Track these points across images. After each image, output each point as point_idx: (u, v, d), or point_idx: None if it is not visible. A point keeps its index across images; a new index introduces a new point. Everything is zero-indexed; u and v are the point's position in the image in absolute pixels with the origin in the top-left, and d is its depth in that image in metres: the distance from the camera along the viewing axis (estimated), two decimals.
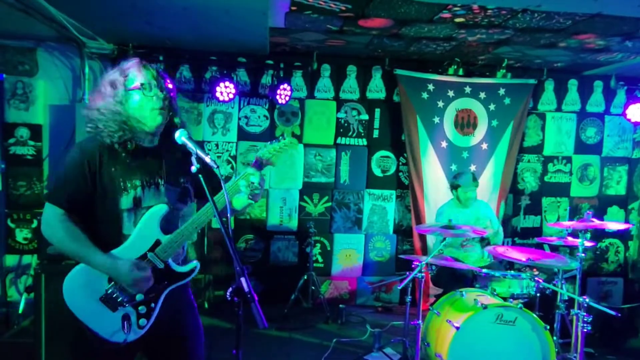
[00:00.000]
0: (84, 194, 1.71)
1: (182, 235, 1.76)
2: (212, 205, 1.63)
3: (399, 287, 3.18)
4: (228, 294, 1.47)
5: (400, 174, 5.21)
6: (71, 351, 1.83)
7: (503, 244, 4.28)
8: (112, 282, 1.72)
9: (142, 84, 1.73)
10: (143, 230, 1.74)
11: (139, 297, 1.74)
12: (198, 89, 4.84)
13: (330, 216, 5.13)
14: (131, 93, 1.73)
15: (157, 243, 1.75)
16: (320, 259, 5.12)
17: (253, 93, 4.95)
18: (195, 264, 1.84)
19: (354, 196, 5.15)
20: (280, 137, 1.82)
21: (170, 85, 1.83)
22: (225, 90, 4.51)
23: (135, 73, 1.74)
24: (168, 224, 1.79)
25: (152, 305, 1.76)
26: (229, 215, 1.59)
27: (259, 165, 1.79)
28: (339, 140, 5.09)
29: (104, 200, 1.72)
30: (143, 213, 1.74)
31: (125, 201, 1.72)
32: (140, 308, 1.74)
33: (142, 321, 1.75)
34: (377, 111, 5.13)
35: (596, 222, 3.14)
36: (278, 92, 4.62)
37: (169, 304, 1.79)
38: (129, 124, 1.74)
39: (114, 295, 1.71)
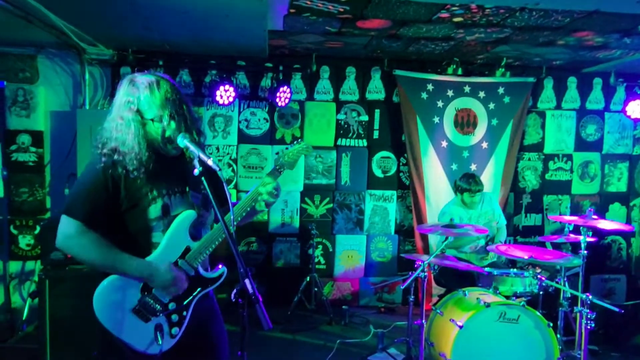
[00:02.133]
0: (107, 207, 1.67)
1: (210, 241, 1.77)
2: (238, 207, 1.74)
3: (402, 287, 3.19)
4: (232, 295, 1.48)
5: (401, 174, 5.22)
6: None
7: (505, 242, 4.29)
8: (145, 292, 1.70)
9: (153, 117, 1.70)
10: (173, 238, 1.74)
11: (172, 305, 1.73)
12: (198, 93, 4.86)
13: (332, 217, 5.13)
14: (146, 121, 1.71)
15: (187, 250, 1.75)
16: (322, 261, 5.12)
17: (253, 96, 4.96)
18: (223, 269, 1.85)
19: (355, 197, 5.16)
20: (295, 142, 1.90)
21: (186, 100, 1.78)
22: (225, 93, 4.52)
23: (147, 101, 1.70)
24: (195, 231, 1.80)
25: (184, 313, 1.75)
26: (232, 218, 1.60)
27: (278, 172, 1.86)
28: (339, 142, 5.10)
29: (132, 212, 1.70)
30: (171, 221, 1.73)
31: (154, 210, 1.71)
32: (172, 317, 1.73)
33: (175, 330, 1.74)
34: (377, 112, 5.14)
35: (597, 220, 3.13)
36: (278, 94, 4.63)
37: (196, 312, 1.79)
38: (147, 148, 1.70)
39: (148, 305, 1.69)
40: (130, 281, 1.70)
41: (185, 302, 1.75)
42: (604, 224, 3.14)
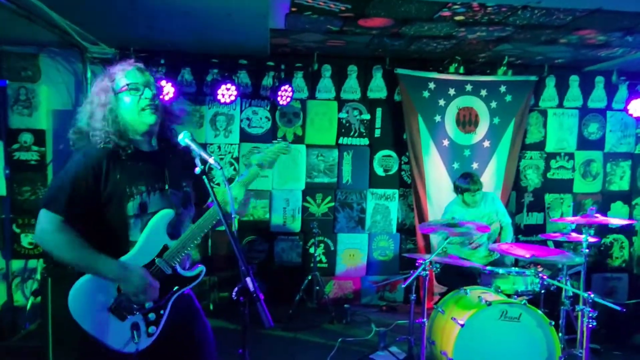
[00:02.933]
0: (86, 201, 1.66)
1: (188, 240, 1.76)
2: (216, 207, 1.64)
3: (403, 286, 3.19)
4: (234, 293, 1.48)
5: (403, 172, 5.22)
6: None
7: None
8: (121, 290, 1.69)
9: (128, 84, 1.75)
10: (151, 236, 1.73)
11: (148, 304, 1.72)
12: (200, 92, 4.87)
13: (334, 216, 5.14)
14: (120, 96, 1.75)
15: (165, 248, 1.75)
16: (324, 259, 5.13)
17: (254, 95, 4.97)
18: (201, 267, 1.84)
19: (356, 196, 5.16)
20: (274, 142, 1.95)
21: (161, 85, 1.86)
22: (226, 92, 4.53)
23: (121, 75, 1.76)
24: (173, 229, 1.78)
25: (162, 312, 1.75)
26: (232, 216, 1.61)
27: (258, 170, 1.90)
28: (340, 141, 5.10)
29: (110, 207, 1.70)
30: (149, 219, 1.73)
31: (132, 207, 1.71)
32: (149, 315, 1.73)
33: (152, 329, 1.73)
34: (379, 111, 5.14)
35: (600, 217, 3.13)
36: (279, 93, 4.64)
37: (175, 310, 1.78)
38: (124, 127, 1.74)
39: (124, 303, 1.68)
40: (106, 280, 1.68)
41: (162, 301, 1.74)
42: (607, 220, 3.13)
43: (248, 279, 1.46)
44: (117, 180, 1.70)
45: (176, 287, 1.77)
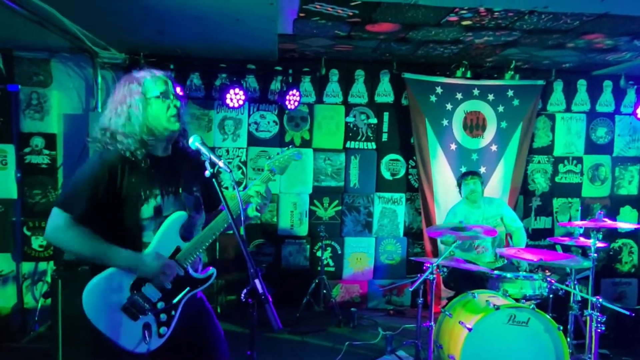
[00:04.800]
0: (101, 203, 1.69)
1: (201, 242, 1.80)
2: (227, 210, 1.66)
3: (411, 289, 3.19)
4: (243, 295, 1.49)
5: (410, 176, 5.22)
6: None
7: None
8: (134, 290, 1.72)
9: (161, 92, 1.78)
10: (164, 238, 1.77)
11: (160, 305, 1.75)
12: (208, 96, 4.91)
13: (341, 220, 5.15)
14: (150, 101, 1.78)
15: (177, 250, 1.78)
16: (331, 263, 5.14)
17: (262, 99, 5.00)
18: (212, 270, 1.88)
19: (363, 200, 5.17)
20: (285, 148, 1.95)
21: (180, 93, 1.89)
22: (235, 96, 4.57)
23: (152, 82, 1.80)
24: (186, 232, 1.82)
25: (173, 313, 1.77)
26: (242, 219, 1.61)
27: (270, 176, 1.90)
28: (348, 145, 5.12)
29: (124, 210, 1.73)
30: (162, 221, 1.76)
31: (147, 210, 1.74)
32: (161, 316, 1.75)
33: (163, 329, 1.75)
34: (386, 115, 5.15)
35: (608, 221, 3.12)
36: (287, 97, 4.67)
37: (187, 312, 1.81)
38: (148, 130, 1.77)
39: (136, 303, 1.71)
40: (120, 279, 1.70)
41: (174, 302, 1.77)
42: (615, 224, 3.11)
43: (257, 281, 1.48)
44: (132, 184, 1.73)
45: (187, 288, 1.80)
